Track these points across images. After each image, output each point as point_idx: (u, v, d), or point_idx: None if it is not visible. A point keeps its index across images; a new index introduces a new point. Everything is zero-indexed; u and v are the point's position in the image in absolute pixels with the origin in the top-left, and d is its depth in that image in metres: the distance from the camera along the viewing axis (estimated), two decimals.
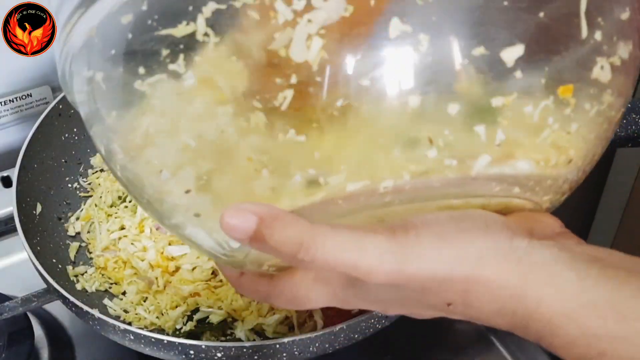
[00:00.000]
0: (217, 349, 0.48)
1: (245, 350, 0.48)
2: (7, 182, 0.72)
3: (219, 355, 0.48)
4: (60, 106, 0.67)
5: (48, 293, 0.55)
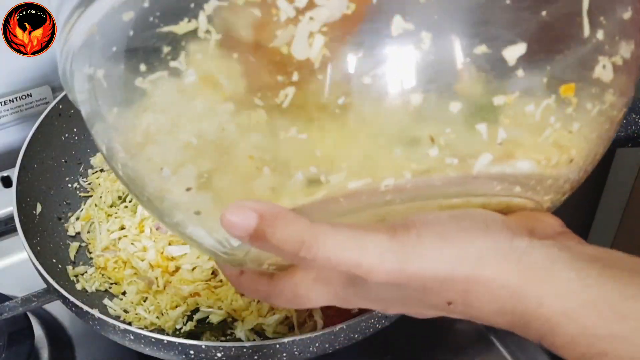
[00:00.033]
0: (217, 349, 0.48)
1: (245, 350, 0.48)
2: (7, 182, 0.72)
3: (219, 355, 0.48)
4: (60, 106, 0.67)
5: (48, 293, 0.55)
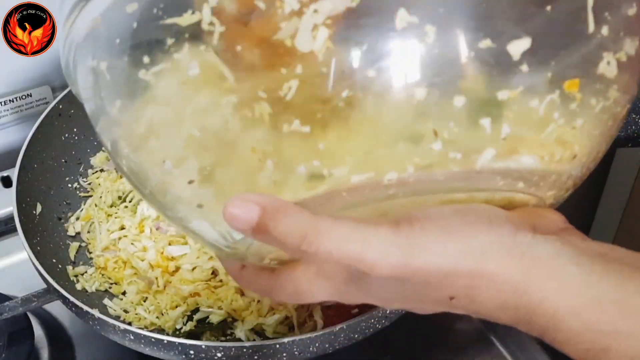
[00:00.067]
0: (217, 349, 0.48)
1: (245, 350, 0.48)
2: (7, 182, 0.72)
3: (219, 355, 0.48)
4: (60, 106, 0.67)
5: (48, 293, 0.55)
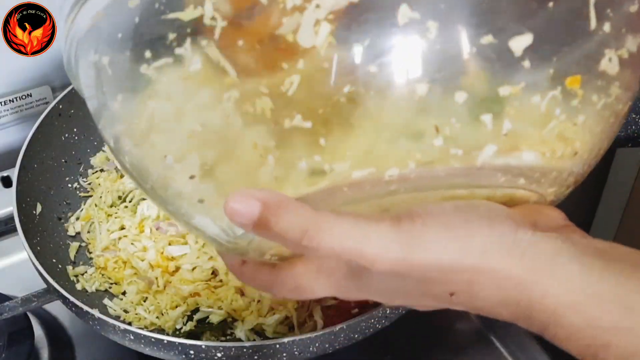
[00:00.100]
0: (217, 349, 0.48)
1: (245, 350, 0.48)
2: (7, 182, 0.72)
3: (219, 355, 0.48)
4: (60, 106, 0.67)
5: (48, 293, 0.55)
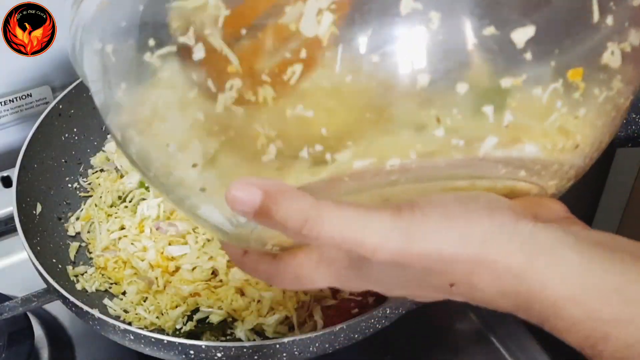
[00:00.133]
0: (217, 349, 0.48)
1: (245, 350, 0.48)
2: (7, 182, 0.72)
3: (219, 355, 0.48)
4: (60, 106, 0.67)
5: (48, 293, 0.55)
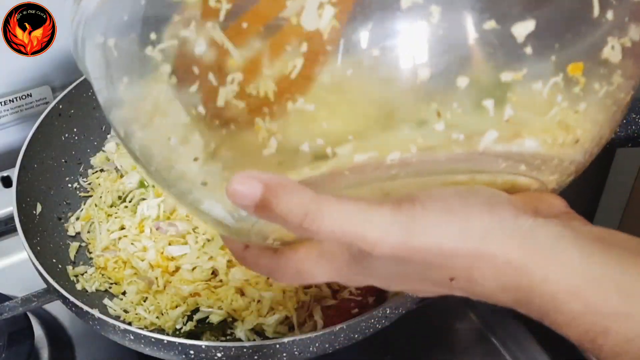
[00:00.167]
0: (217, 349, 0.48)
1: (245, 350, 0.48)
2: (7, 182, 0.72)
3: (219, 355, 0.48)
4: (60, 106, 0.67)
5: (48, 293, 0.55)
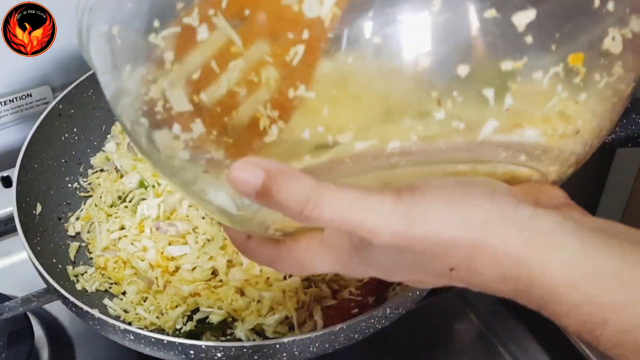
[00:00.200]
0: (217, 349, 0.48)
1: (245, 350, 0.48)
2: (7, 182, 0.72)
3: (219, 355, 0.48)
4: (60, 106, 0.67)
5: (48, 293, 0.55)
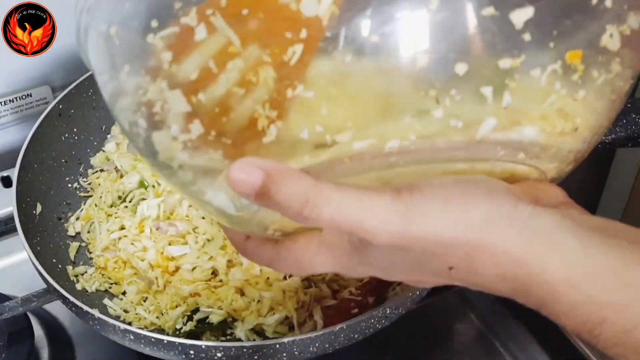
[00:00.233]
0: (217, 349, 0.48)
1: (245, 350, 0.48)
2: (7, 182, 0.72)
3: (219, 355, 0.48)
4: (60, 106, 0.67)
5: (48, 293, 0.55)
